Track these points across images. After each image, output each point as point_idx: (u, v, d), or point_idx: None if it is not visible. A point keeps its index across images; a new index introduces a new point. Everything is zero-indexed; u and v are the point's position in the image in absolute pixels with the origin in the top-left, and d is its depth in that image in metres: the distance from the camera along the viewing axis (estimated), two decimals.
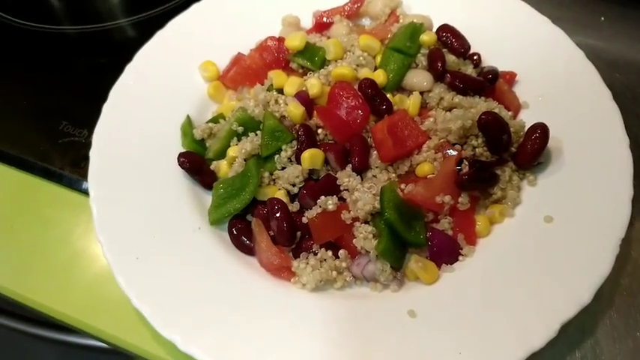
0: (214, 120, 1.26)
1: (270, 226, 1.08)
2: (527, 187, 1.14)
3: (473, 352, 0.92)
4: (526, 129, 1.16)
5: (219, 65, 1.35)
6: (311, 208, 1.08)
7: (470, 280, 1.03)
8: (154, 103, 1.29)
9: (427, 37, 1.24)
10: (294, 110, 1.14)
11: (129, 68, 1.33)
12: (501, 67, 1.28)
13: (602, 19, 1.53)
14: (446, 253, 1.07)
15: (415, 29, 1.25)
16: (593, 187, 1.08)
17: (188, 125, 1.25)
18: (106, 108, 1.26)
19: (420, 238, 1.06)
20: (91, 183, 1.14)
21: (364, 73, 1.19)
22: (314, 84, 1.17)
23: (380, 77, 1.19)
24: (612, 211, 1.04)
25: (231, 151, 1.19)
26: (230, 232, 1.11)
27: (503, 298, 0.98)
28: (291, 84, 1.19)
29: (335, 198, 1.07)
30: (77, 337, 1.16)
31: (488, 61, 1.31)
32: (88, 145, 1.27)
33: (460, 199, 1.10)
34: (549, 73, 1.27)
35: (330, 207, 1.06)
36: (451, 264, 1.07)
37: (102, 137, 1.21)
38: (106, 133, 1.22)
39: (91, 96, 1.36)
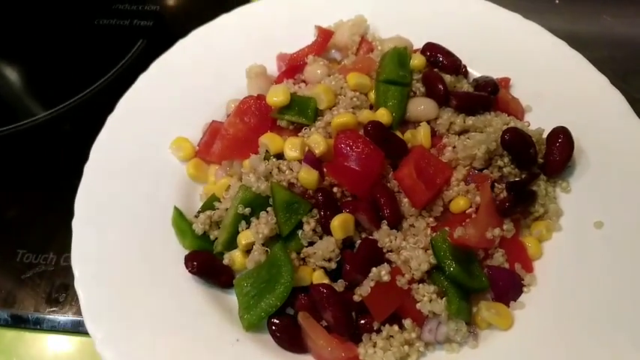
0: (208, 205, 1.09)
1: (321, 316, 0.94)
2: (563, 195, 1.09)
3: None
4: (544, 135, 1.10)
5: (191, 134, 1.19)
6: (361, 284, 0.95)
7: (548, 314, 0.95)
8: (129, 199, 1.10)
9: (418, 61, 1.15)
10: (308, 177, 1.00)
11: (88, 168, 1.12)
12: (483, 73, 1.23)
13: (557, 1, 1.52)
14: (512, 289, 0.99)
15: (401, 55, 1.15)
16: (630, 180, 1.05)
17: (180, 220, 1.07)
18: (77, 222, 1.05)
19: (483, 282, 0.97)
20: (90, 325, 0.94)
21: (365, 115, 1.08)
22: (319, 142, 1.04)
23: (384, 117, 1.08)
24: None
25: (243, 238, 1.03)
26: (273, 334, 0.96)
27: (594, 322, 0.91)
28: (292, 146, 1.05)
29: (387, 266, 0.95)
30: None
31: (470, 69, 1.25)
32: (60, 271, 1.07)
33: (505, 227, 1.02)
34: (538, 69, 1.22)
35: (385, 278, 0.93)
36: (516, 300, 0.99)
37: (82, 258, 1.01)
38: (86, 251, 1.02)
39: (43, 211, 1.15)
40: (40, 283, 1.08)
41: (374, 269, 0.94)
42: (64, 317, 1.05)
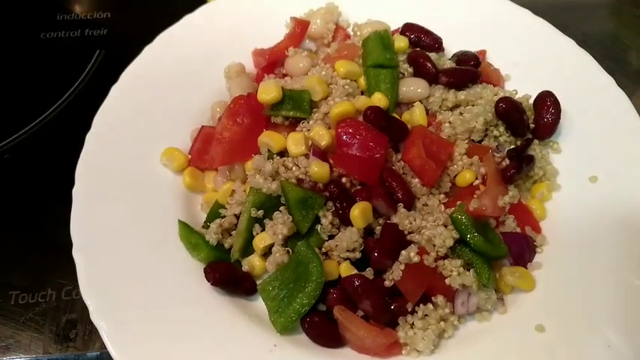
0: (215, 214, 1.05)
1: (355, 307, 0.94)
2: (555, 156, 1.14)
3: (622, 338, 0.90)
4: (530, 101, 1.15)
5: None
6: (389, 269, 0.95)
7: (564, 268, 1.00)
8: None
9: (402, 43, 1.16)
10: (320, 170, 0.99)
11: (76, 193, 1.04)
12: (457, 48, 1.26)
13: None
14: (527, 252, 1.03)
15: (384, 38, 1.15)
16: (614, 133, 1.11)
17: (189, 233, 1.02)
18: (77, 251, 0.97)
19: (502, 249, 1.00)
20: (118, 355, 0.88)
21: (362, 102, 1.07)
22: (322, 134, 1.02)
23: (382, 101, 1.08)
24: None
25: (260, 242, 1.00)
26: (309, 333, 0.94)
27: (606, 265, 0.97)
28: (295, 142, 1.03)
29: (415, 247, 0.95)
30: None
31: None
32: (64, 306, 1.01)
33: (510, 193, 1.05)
34: (509, 39, 1.27)
35: (415, 259, 0.94)
36: (532, 261, 1.03)
37: (93, 288, 0.93)
38: (94, 280, 0.95)
39: (28, 246, 1.07)
40: (44, 322, 1.00)
41: (403, 252, 0.94)
42: (79, 354, 0.97)
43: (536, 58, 1.24)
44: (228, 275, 0.98)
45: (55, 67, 1.37)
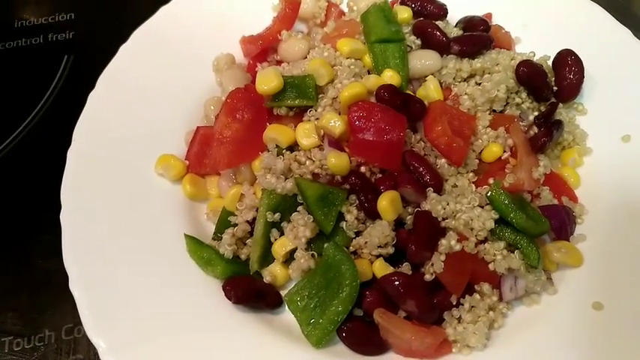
0: (224, 223, 0.94)
1: (396, 308, 0.85)
2: (580, 118, 1.06)
3: None
4: (549, 62, 1.07)
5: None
6: (428, 261, 0.86)
7: (609, 237, 0.93)
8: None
9: (406, 14, 1.06)
10: (338, 162, 0.89)
11: (64, 217, 0.91)
12: (460, 14, 1.17)
13: None
14: (568, 224, 0.95)
15: (385, 10, 1.05)
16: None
17: (200, 248, 0.92)
18: (75, 284, 0.85)
19: (544, 224, 0.91)
20: None
21: (373, 82, 0.97)
22: (335, 121, 0.92)
23: (394, 78, 0.98)
24: None
25: (280, 248, 0.90)
26: (347, 341, 0.85)
27: None
28: (306, 134, 0.93)
29: (454, 234, 0.86)
30: None
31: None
32: (65, 347, 0.91)
33: (542, 163, 0.97)
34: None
35: (457, 247, 0.85)
36: (573, 233, 0.96)
37: (102, 323, 0.82)
38: (102, 314, 0.83)
39: (13, 284, 0.96)
40: None
41: (443, 241, 0.85)
42: None
43: (546, 17, 1.16)
44: (250, 290, 0.87)
45: (20, 79, 1.23)
